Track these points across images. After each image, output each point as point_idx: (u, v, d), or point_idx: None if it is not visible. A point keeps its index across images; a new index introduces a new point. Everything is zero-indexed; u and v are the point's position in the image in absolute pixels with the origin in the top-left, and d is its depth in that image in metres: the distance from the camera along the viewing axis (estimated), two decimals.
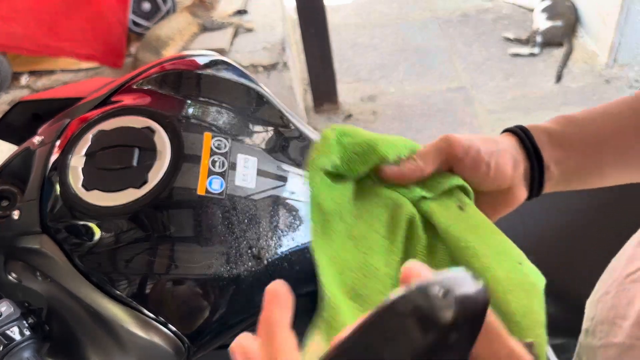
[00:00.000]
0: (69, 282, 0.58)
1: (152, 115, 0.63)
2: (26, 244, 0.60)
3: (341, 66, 2.72)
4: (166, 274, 0.58)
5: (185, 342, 0.59)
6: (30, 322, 0.58)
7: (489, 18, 3.07)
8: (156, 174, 0.59)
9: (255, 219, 0.61)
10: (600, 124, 0.51)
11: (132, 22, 2.36)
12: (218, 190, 0.60)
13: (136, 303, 0.57)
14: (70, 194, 0.59)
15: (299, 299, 0.66)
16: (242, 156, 0.64)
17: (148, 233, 0.58)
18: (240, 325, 0.63)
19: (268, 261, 0.61)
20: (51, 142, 0.64)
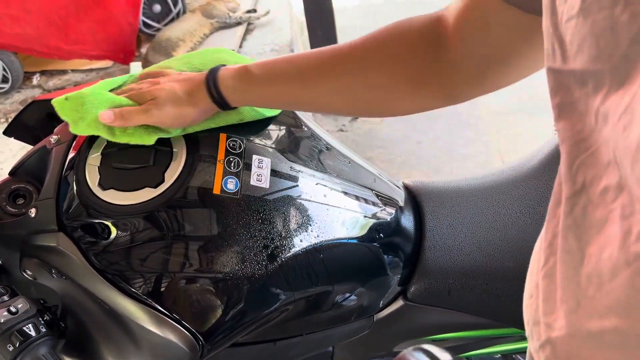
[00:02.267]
0: (84, 279, 0.59)
1: None
2: (42, 242, 0.60)
3: None
4: (181, 273, 0.58)
5: (199, 339, 0.59)
6: (46, 319, 0.58)
7: None
8: (172, 174, 0.59)
9: (269, 218, 0.61)
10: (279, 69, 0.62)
11: (143, 24, 2.37)
12: (233, 190, 0.61)
13: (151, 301, 0.58)
14: (87, 193, 0.59)
15: (310, 299, 0.67)
16: (256, 156, 0.64)
17: (164, 232, 0.58)
18: (253, 324, 0.63)
19: (282, 260, 0.61)
20: (67, 141, 0.65)
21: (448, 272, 0.75)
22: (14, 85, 2.34)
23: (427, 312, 0.79)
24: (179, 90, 0.62)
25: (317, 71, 0.60)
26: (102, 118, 0.60)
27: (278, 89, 0.62)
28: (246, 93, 0.62)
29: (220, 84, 0.62)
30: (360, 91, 0.59)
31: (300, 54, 0.62)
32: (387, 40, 0.57)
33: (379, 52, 0.57)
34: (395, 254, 0.74)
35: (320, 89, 0.60)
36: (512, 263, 0.75)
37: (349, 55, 0.58)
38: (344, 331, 0.78)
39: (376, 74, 0.57)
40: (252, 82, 0.61)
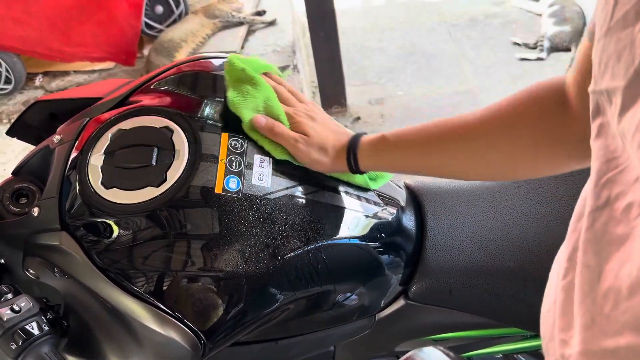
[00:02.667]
0: (87, 278, 0.59)
1: (170, 115, 0.64)
2: (45, 241, 0.61)
3: (349, 69, 2.72)
4: (183, 271, 0.59)
5: (201, 338, 0.59)
6: (48, 317, 0.58)
7: (497, 22, 3.07)
8: (174, 173, 0.60)
9: (271, 218, 0.62)
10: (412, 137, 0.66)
11: (145, 25, 2.38)
12: (235, 189, 0.61)
13: (154, 299, 0.58)
14: (90, 192, 0.60)
15: (312, 298, 0.67)
16: (258, 156, 0.65)
17: (166, 231, 0.58)
18: (255, 323, 0.63)
19: (283, 259, 0.61)
20: (70, 140, 0.65)
21: (449, 271, 0.75)
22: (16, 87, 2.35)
23: (429, 312, 0.79)
24: (329, 142, 0.68)
25: (452, 138, 0.62)
26: (255, 121, 0.66)
27: (410, 155, 0.65)
28: (378, 158, 0.67)
29: (358, 149, 0.67)
30: (498, 155, 0.60)
31: (436, 122, 0.64)
32: (526, 104, 0.58)
33: (518, 116, 0.58)
34: (397, 254, 0.75)
35: (454, 155, 0.63)
36: (513, 263, 0.75)
37: (486, 120, 0.60)
38: (345, 330, 0.78)
39: (515, 138, 0.59)
40: (385, 149, 0.66)
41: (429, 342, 0.87)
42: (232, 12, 2.33)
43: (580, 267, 0.35)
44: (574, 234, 0.37)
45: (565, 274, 0.38)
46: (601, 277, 0.32)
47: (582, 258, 0.35)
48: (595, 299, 0.33)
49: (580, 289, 0.35)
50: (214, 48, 2.29)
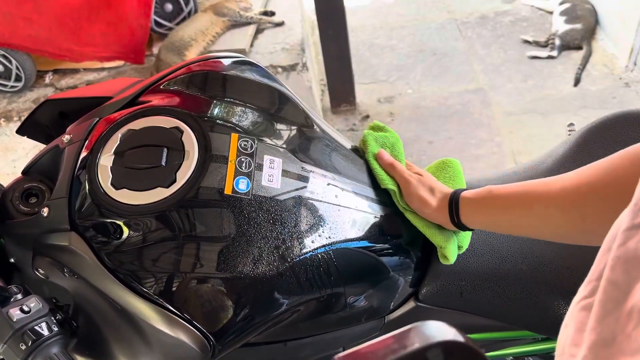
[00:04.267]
0: (96, 279, 0.59)
1: (180, 116, 0.63)
2: (54, 241, 0.61)
3: (358, 67, 2.71)
4: (193, 273, 0.58)
5: (210, 340, 0.59)
6: (58, 318, 0.58)
7: (508, 20, 3.05)
8: (184, 174, 0.59)
9: (281, 219, 0.61)
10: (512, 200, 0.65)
11: (155, 23, 2.38)
12: (244, 190, 0.60)
13: (163, 301, 0.58)
14: (99, 193, 0.59)
15: (321, 300, 0.67)
16: (268, 157, 0.64)
17: (175, 232, 0.58)
18: (264, 324, 0.63)
19: (293, 261, 0.61)
20: (80, 140, 0.65)
21: (460, 274, 0.75)
22: (26, 84, 2.36)
23: (438, 314, 0.78)
24: (437, 185, 0.72)
25: (548, 191, 0.61)
26: (380, 153, 0.75)
27: (509, 207, 0.64)
28: (481, 213, 0.67)
29: (461, 201, 0.68)
30: (597, 220, 0.57)
31: (544, 181, 0.63)
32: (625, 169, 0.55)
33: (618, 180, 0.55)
34: (407, 255, 0.74)
35: (549, 211, 0.61)
36: (525, 265, 0.74)
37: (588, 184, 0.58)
38: (354, 332, 0.78)
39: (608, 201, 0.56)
40: (490, 202, 0.66)
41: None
42: (240, 11, 2.33)
43: (606, 283, 0.34)
44: (606, 254, 0.36)
45: (590, 292, 0.37)
46: (628, 296, 0.31)
47: (609, 274, 0.34)
48: (619, 317, 0.32)
49: (602, 305, 0.34)
50: (224, 46, 2.28)
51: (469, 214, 0.68)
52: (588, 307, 0.36)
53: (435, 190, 0.71)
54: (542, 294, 0.73)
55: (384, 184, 0.72)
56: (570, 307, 0.43)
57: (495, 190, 0.65)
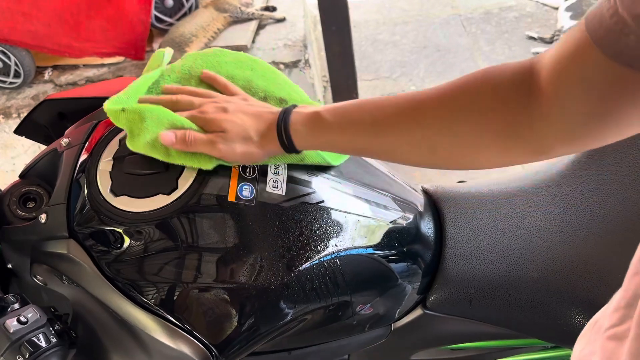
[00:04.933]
0: (95, 288, 0.57)
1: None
2: (53, 249, 0.59)
3: (361, 63, 2.69)
4: (195, 283, 0.57)
5: (213, 351, 0.57)
6: (56, 328, 0.56)
7: (512, 16, 3.02)
8: (186, 180, 0.58)
9: (286, 227, 0.59)
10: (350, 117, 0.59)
11: (155, 18, 2.35)
12: (248, 197, 0.59)
13: (164, 312, 0.56)
14: (99, 199, 0.58)
15: (327, 309, 0.65)
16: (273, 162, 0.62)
17: (177, 241, 0.56)
18: (269, 335, 0.61)
19: (299, 270, 0.59)
20: (79, 144, 0.63)
21: (470, 281, 0.73)
22: (25, 80, 2.34)
23: (447, 322, 0.77)
24: (249, 128, 0.60)
25: (395, 120, 0.56)
26: (163, 139, 0.58)
27: (350, 137, 0.59)
28: (316, 139, 0.60)
29: (291, 128, 0.59)
30: (442, 143, 0.55)
31: (375, 100, 0.58)
32: (475, 89, 0.52)
33: (465, 101, 0.52)
34: (415, 262, 0.72)
35: (396, 140, 0.56)
36: (536, 273, 0.72)
37: (431, 103, 0.54)
38: (360, 340, 0.76)
39: (461, 125, 0.53)
40: (323, 129, 0.59)
41: (446, 351, 0.85)
42: (241, 6, 2.30)
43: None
44: (635, 278, 0.34)
45: (619, 321, 0.35)
46: None
47: None
48: None
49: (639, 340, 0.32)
50: (225, 43, 2.26)
51: (303, 141, 0.59)
52: (618, 336, 0.34)
53: (249, 137, 0.59)
54: (553, 302, 0.71)
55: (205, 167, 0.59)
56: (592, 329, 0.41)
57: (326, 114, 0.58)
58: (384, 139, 0.57)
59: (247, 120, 0.60)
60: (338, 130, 0.58)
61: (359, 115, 0.58)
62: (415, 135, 0.55)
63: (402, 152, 0.57)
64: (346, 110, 0.59)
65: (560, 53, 0.46)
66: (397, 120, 0.56)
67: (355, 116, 0.58)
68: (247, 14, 2.34)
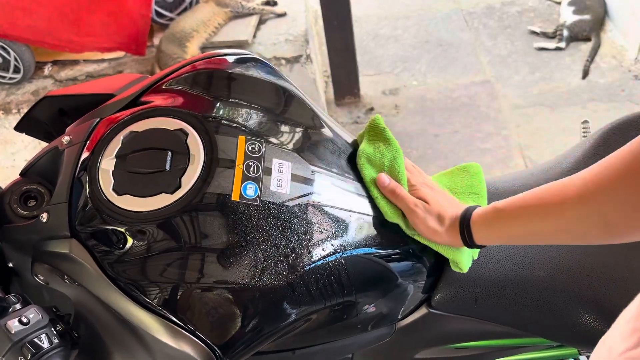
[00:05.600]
0: (97, 288, 0.56)
1: (184, 117, 0.60)
2: (54, 248, 0.58)
3: (362, 58, 2.67)
4: (198, 283, 0.56)
5: (217, 352, 0.57)
6: (58, 329, 0.56)
7: (515, 11, 3.00)
8: (189, 179, 0.57)
9: (290, 226, 0.58)
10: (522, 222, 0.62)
11: (156, 13, 2.34)
12: (252, 196, 0.58)
13: (167, 312, 0.55)
14: (101, 198, 0.57)
15: (332, 309, 0.64)
16: (277, 160, 0.61)
17: (180, 240, 0.55)
18: (273, 335, 0.60)
19: (303, 270, 0.58)
20: (80, 142, 0.62)
21: (475, 280, 0.72)
22: (25, 76, 2.32)
23: (451, 321, 0.76)
24: (447, 212, 0.66)
25: (560, 197, 0.57)
26: (379, 180, 0.68)
27: (521, 222, 0.61)
28: (493, 230, 0.64)
29: (472, 224, 0.64)
30: (617, 214, 0.53)
31: (545, 186, 0.59)
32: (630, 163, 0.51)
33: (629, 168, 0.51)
34: (420, 261, 0.71)
35: (564, 216, 0.57)
36: (542, 272, 0.71)
37: (595, 175, 0.54)
38: (365, 339, 0.76)
39: (628, 191, 0.51)
40: (499, 220, 0.62)
41: (450, 350, 0.84)
42: (242, 1, 2.28)
43: None
44: None
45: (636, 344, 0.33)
46: None
47: None
48: None
49: None
50: (225, 38, 2.24)
51: (482, 235, 0.64)
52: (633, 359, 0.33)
53: (444, 218, 0.66)
54: (559, 301, 0.70)
55: (388, 217, 0.67)
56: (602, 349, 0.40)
57: (504, 206, 0.62)
58: (553, 217, 0.58)
59: (446, 204, 0.68)
60: (512, 218, 0.61)
61: (528, 199, 0.60)
62: (584, 209, 0.55)
63: (576, 230, 0.57)
64: (520, 198, 0.61)
65: None
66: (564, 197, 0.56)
67: (525, 200, 0.61)
68: (248, 8, 2.32)
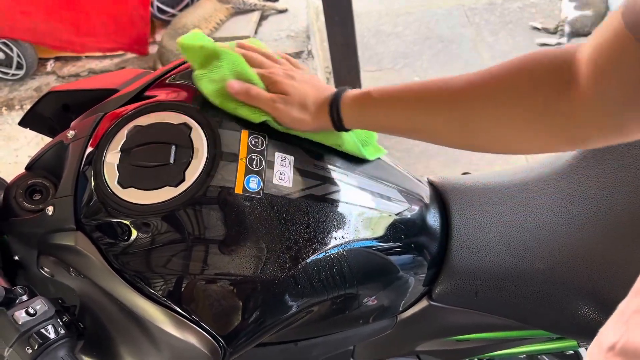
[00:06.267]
0: (103, 280, 0.57)
1: (188, 111, 0.61)
2: (60, 241, 0.59)
3: (364, 54, 2.67)
4: (202, 274, 0.57)
5: (221, 343, 0.57)
6: (64, 320, 0.56)
7: (516, 6, 3.00)
8: (193, 172, 0.57)
9: (293, 219, 0.59)
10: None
11: (158, 9, 2.35)
12: (255, 189, 0.58)
13: (172, 303, 0.56)
14: (106, 191, 0.58)
15: (334, 301, 0.65)
16: (279, 154, 0.62)
17: (184, 232, 0.56)
18: (276, 326, 0.61)
19: (305, 262, 0.59)
20: (85, 136, 0.63)
21: (476, 273, 0.73)
22: (28, 72, 2.34)
23: (452, 313, 0.77)
24: (309, 97, 0.64)
25: (437, 99, 0.58)
26: (230, 87, 0.63)
27: (394, 113, 0.61)
28: (363, 115, 0.63)
29: (342, 105, 0.63)
30: (480, 124, 0.55)
31: (422, 82, 0.60)
32: (515, 73, 0.52)
33: (504, 84, 0.53)
34: (420, 254, 0.72)
35: (437, 118, 0.58)
36: (542, 264, 0.72)
37: (472, 85, 0.55)
38: (366, 331, 0.77)
39: (498, 107, 0.53)
40: (370, 105, 0.62)
41: (451, 342, 0.85)
42: None
43: None
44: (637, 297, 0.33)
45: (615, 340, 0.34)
46: None
47: None
48: None
49: None
50: (227, 34, 2.25)
51: (351, 117, 0.63)
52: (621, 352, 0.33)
53: (306, 105, 0.64)
54: (559, 293, 0.71)
55: (255, 119, 0.63)
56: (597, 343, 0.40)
57: (374, 91, 0.62)
58: (424, 117, 0.59)
59: (309, 90, 0.65)
60: (383, 107, 0.61)
61: (403, 94, 0.60)
62: (455, 114, 0.56)
63: (442, 132, 0.59)
64: (393, 90, 0.61)
65: (597, 41, 0.46)
66: (440, 99, 0.57)
67: (400, 94, 0.61)
68: (250, 5, 2.33)
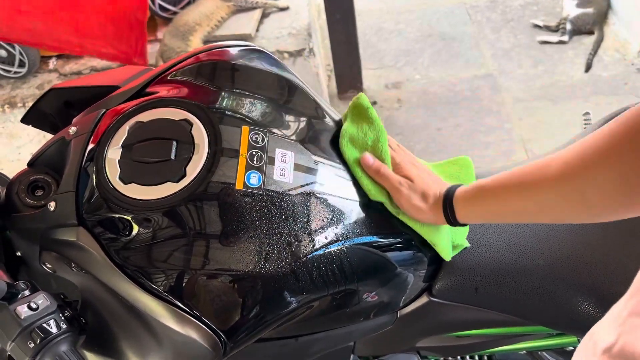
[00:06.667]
0: (105, 275, 0.58)
1: (189, 108, 0.61)
2: (62, 236, 0.59)
3: (365, 52, 2.67)
4: (203, 270, 0.57)
5: (222, 337, 0.58)
6: (66, 315, 0.57)
7: (518, 4, 2.99)
8: (194, 168, 0.58)
9: (293, 214, 0.59)
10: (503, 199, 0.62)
11: (159, 7, 2.35)
12: (256, 185, 0.59)
13: (173, 298, 0.56)
14: (108, 187, 0.58)
15: (334, 296, 0.65)
16: (280, 150, 0.62)
17: (185, 228, 0.56)
18: (276, 321, 0.62)
19: (306, 257, 0.59)
20: (87, 132, 0.63)
21: (476, 269, 0.73)
22: (30, 70, 2.34)
23: (452, 309, 0.77)
24: (431, 190, 0.67)
25: (540, 176, 0.57)
26: (363, 160, 0.68)
27: (502, 199, 0.62)
28: (475, 208, 0.65)
29: (455, 201, 0.65)
30: (592, 193, 0.53)
31: (529, 164, 0.59)
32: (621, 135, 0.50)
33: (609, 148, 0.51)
34: (421, 250, 0.72)
35: (544, 195, 0.57)
36: (542, 261, 0.72)
37: (575, 155, 0.54)
38: (366, 327, 0.77)
39: (608, 171, 0.51)
40: (482, 197, 0.63)
41: (451, 338, 0.85)
42: None
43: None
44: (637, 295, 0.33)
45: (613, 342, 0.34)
46: None
47: None
48: None
49: None
50: (228, 31, 2.25)
51: (464, 212, 0.65)
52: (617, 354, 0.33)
53: (428, 196, 0.67)
54: (559, 290, 0.71)
55: (372, 196, 0.67)
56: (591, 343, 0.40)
57: (486, 184, 0.63)
58: (533, 195, 0.58)
59: (431, 182, 0.68)
60: (496, 197, 0.62)
61: (508, 177, 0.61)
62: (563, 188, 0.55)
63: (554, 208, 0.58)
64: (502, 177, 0.62)
65: None
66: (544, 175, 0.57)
67: (510, 180, 0.61)
68: (251, 2, 2.33)
